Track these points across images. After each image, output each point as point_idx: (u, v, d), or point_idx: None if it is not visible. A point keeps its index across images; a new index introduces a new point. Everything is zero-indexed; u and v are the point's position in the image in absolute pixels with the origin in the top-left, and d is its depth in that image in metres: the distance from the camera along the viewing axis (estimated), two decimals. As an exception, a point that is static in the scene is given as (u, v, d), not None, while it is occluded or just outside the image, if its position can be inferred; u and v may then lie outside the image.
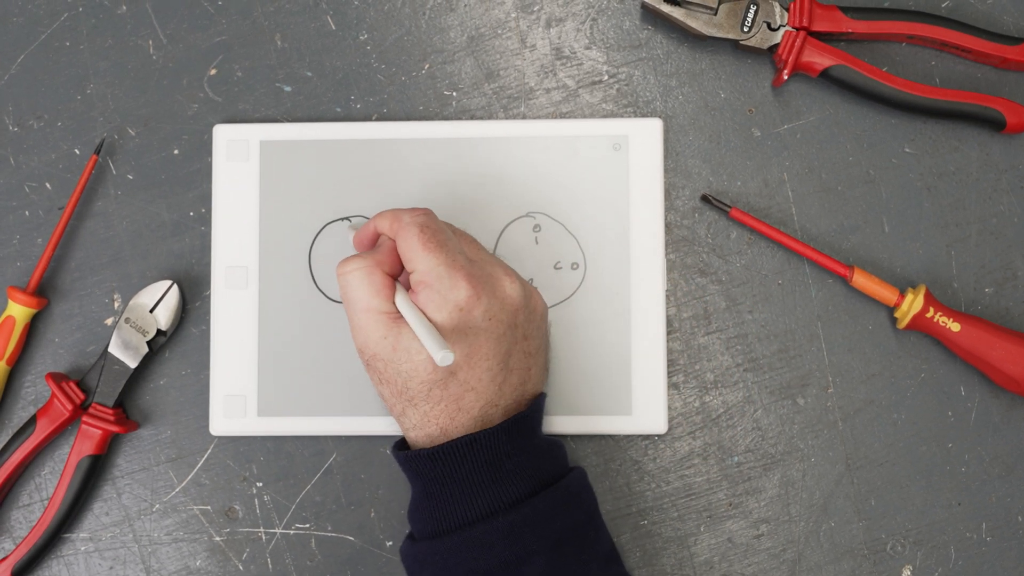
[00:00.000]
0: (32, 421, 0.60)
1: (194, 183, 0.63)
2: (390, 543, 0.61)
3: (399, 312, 0.52)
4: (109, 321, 0.63)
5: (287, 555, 0.61)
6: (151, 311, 0.61)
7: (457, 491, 0.52)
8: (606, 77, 0.63)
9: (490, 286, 0.52)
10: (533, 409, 0.54)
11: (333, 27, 0.63)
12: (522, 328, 0.54)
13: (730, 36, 0.61)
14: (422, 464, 0.52)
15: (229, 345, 0.61)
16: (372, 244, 0.56)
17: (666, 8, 0.61)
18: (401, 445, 0.55)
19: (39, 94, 0.63)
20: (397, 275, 0.54)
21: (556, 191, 0.61)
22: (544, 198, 0.61)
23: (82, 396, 0.61)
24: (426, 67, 0.63)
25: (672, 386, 0.61)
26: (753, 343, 0.62)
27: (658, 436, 0.62)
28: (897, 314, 0.60)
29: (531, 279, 0.61)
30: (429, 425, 0.53)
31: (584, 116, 0.63)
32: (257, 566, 0.61)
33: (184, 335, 0.62)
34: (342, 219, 0.61)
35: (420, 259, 0.52)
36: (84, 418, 0.60)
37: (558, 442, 0.55)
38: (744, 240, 0.62)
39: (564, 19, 0.63)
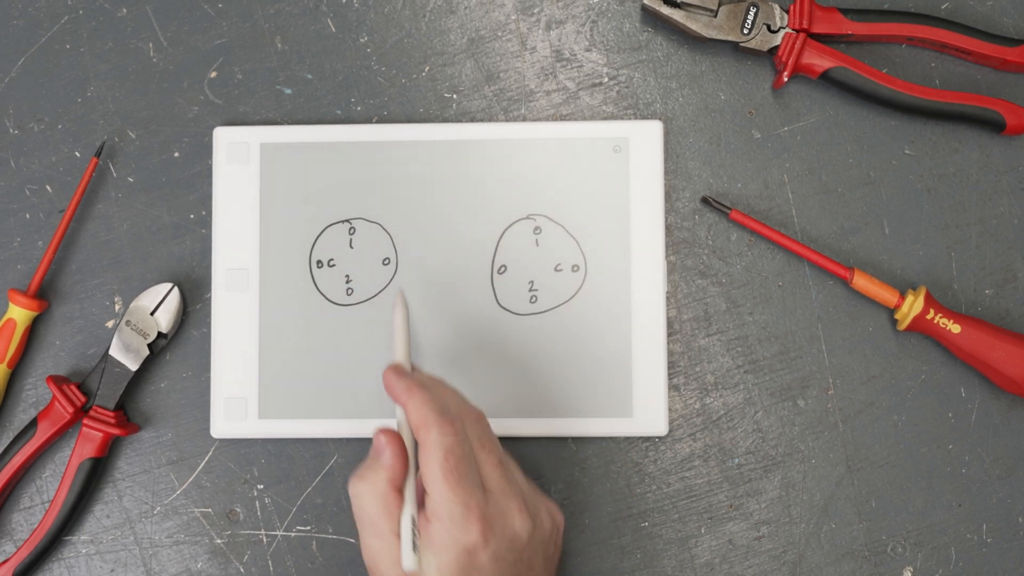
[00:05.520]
0: (33, 424, 0.60)
1: (194, 186, 0.63)
2: (391, 545, 0.61)
3: None
4: (110, 324, 0.63)
5: (288, 557, 0.61)
6: (152, 313, 0.61)
7: None
8: (606, 79, 0.63)
9: (500, 525, 0.51)
10: None
11: (333, 29, 0.63)
12: (528, 561, 0.52)
13: (730, 38, 0.61)
14: None
15: (230, 347, 0.61)
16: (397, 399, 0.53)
17: (666, 10, 0.61)
18: None
19: (39, 97, 0.63)
20: (406, 473, 0.52)
21: (556, 193, 0.61)
22: (544, 200, 0.61)
23: (83, 399, 0.61)
24: (426, 69, 0.63)
25: (672, 388, 0.62)
26: (753, 345, 0.62)
27: (659, 438, 0.62)
28: (897, 316, 0.60)
29: (531, 281, 0.61)
30: None
31: (584, 118, 0.63)
32: (258, 568, 0.61)
33: (185, 337, 0.62)
34: (342, 221, 0.61)
35: (438, 489, 0.50)
36: (85, 421, 0.60)
37: None
38: (744, 242, 0.62)
39: (564, 21, 0.63)
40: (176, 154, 0.63)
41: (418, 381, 0.52)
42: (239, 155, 0.62)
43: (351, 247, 0.61)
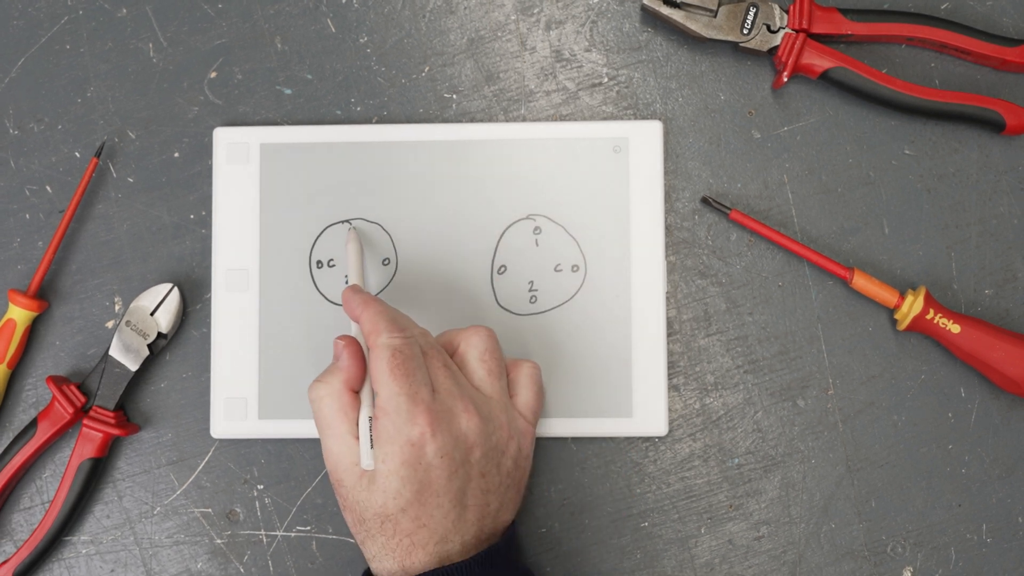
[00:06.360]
0: (33, 424, 0.60)
1: (194, 186, 0.63)
2: (391, 545, 0.61)
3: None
4: (110, 324, 0.63)
5: (288, 558, 0.61)
6: (152, 314, 0.61)
7: None
8: (606, 79, 0.63)
9: (447, 422, 0.52)
10: (506, 540, 0.53)
11: (333, 30, 0.63)
12: (478, 465, 0.53)
13: (730, 38, 0.61)
14: None
15: (230, 348, 0.61)
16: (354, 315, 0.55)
17: (666, 10, 0.61)
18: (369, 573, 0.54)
19: (39, 97, 0.63)
20: (363, 377, 0.54)
21: (556, 193, 0.61)
22: (544, 200, 0.61)
23: (83, 399, 0.61)
24: (426, 70, 0.63)
25: (672, 388, 0.62)
26: (753, 345, 0.62)
27: (658, 438, 0.62)
28: (897, 316, 0.60)
29: (531, 281, 0.61)
30: (387, 558, 0.52)
31: (584, 118, 0.63)
32: (258, 569, 0.61)
33: (185, 338, 0.62)
34: (342, 222, 0.61)
35: (384, 384, 0.51)
36: (85, 421, 0.60)
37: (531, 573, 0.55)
38: (744, 242, 0.62)
39: (564, 21, 0.63)
40: (176, 154, 0.63)
41: (373, 297, 0.55)
42: (239, 155, 0.62)
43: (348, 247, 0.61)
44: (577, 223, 0.61)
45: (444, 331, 0.57)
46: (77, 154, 0.63)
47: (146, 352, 0.61)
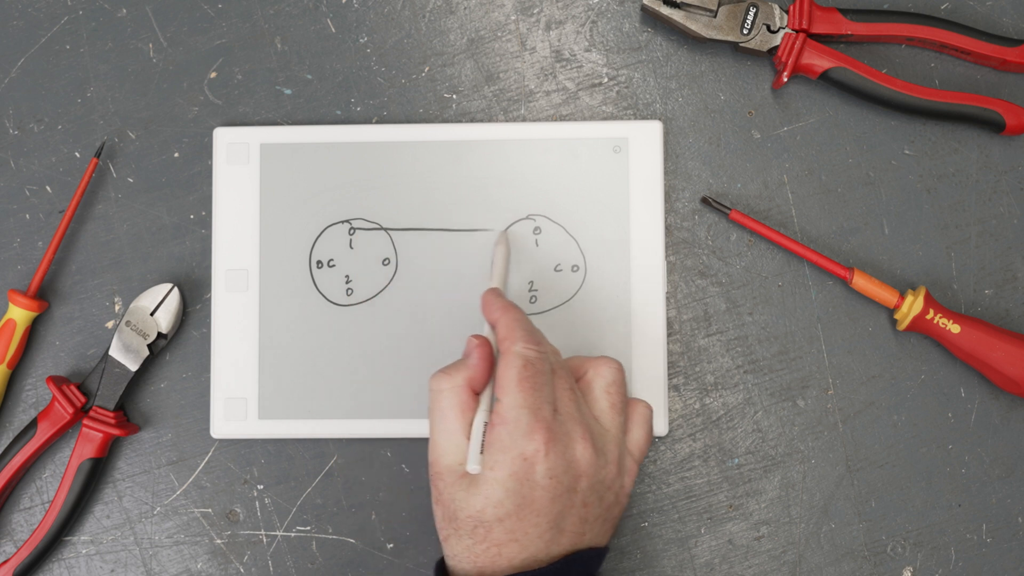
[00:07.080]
0: (33, 424, 0.60)
1: (194, 186, 0.63)
2: (391, 545, 0.61)
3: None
4: (110, 324, 0.63)
5: (288, 558, 0.61)
6: (152, 314, 0.61)
7: None
8: (606, 79, 0.63)
9: (562, 444, 0.51)
10: (591, 556, 0.52)
11: (333, 30, 0.63)
12: (582, 494, 0.52)
13: (730, 38, 0.61)
14: None
15: (230, 348, 0.61)
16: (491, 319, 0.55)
17: (666, 10, 0.61)
18: (442, 565, 0.54)
19: (39, 97, 0.63)
20: (487, 381, 0.53)
21: (556, 193, 0.61)
22: (544, 200, 0.61)
23: (83, 399, 0.61)
24: (426, 70, 0.63)
25: (672, 388, 0.62)
26: (753, 345, 0.62)
27: (658, 438, 0.62)
28: (897, 316, 0.60)
29: (531, 282, 0.61)
30: (467, 562, 0.51)
31: (584, 118, 0.63)
32: (258, 569, 0.61)
33: (185, 338, 0.62)
34: (342, 222, 0.61)
35: (510, 393, 0.51)
36: (85, 421, 0.60)
37: None
38: (744, 242, 0.62)
39: (564, 21, 0.63)
40: (176, 154, 0.63)
41: (513, 304, 0.54)
42: (239, 155, 0.62)
43: (351, 247, 0.61)
44: (577, 223, 0.61)
45: (574, 355, 0.57)
46: (77, 154, 0.63)
47: (146, 352, 0.61)
